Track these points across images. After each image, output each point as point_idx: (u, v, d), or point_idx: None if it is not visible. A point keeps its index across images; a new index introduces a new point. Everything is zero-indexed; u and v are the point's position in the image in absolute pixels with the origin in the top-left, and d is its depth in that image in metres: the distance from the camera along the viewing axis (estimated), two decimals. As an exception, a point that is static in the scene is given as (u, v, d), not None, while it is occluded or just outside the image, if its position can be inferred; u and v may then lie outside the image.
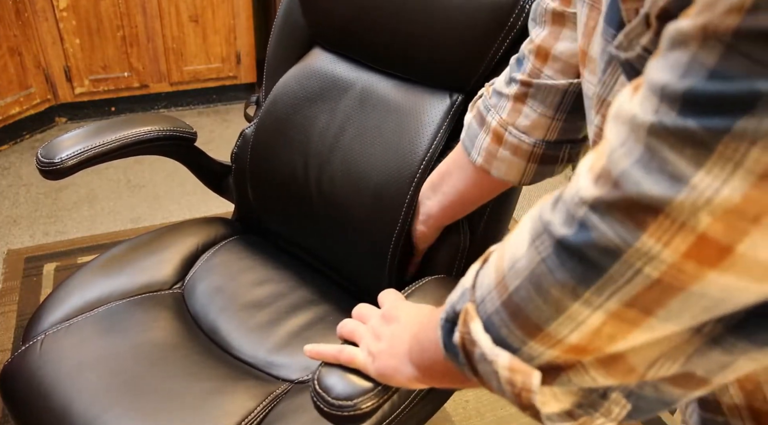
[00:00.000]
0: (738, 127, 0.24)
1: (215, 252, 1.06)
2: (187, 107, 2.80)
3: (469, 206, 0.79)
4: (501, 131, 0.67)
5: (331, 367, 0.60)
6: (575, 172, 0.32)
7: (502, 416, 1.42)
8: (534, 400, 0.34)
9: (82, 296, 0.93)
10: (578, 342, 0.31)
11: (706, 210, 0.25)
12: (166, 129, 1.01)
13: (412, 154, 0.85)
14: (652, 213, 0.26)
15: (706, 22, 0.24)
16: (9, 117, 2.35)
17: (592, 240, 0.29)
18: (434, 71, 0.87)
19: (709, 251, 0.26)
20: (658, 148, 0.26)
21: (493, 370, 0.36)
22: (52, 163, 0.89)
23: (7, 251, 1.86)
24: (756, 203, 0.24)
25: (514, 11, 0.77)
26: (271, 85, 1.05)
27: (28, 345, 0.86)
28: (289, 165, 0.99)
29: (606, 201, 0.28)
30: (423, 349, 0.50)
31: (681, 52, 0.25)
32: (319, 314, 0.96)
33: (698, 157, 0.25)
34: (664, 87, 0.26)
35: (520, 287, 0.33)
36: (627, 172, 0.27)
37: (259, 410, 0.79)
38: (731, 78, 0.24)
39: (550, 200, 0.33)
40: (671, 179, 0.26)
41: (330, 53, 0.98)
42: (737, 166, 0.24)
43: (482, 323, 0.37)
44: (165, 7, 2.48)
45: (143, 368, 0.82)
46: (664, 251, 0.27)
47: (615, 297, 0.29)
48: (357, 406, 0.57)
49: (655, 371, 0.31)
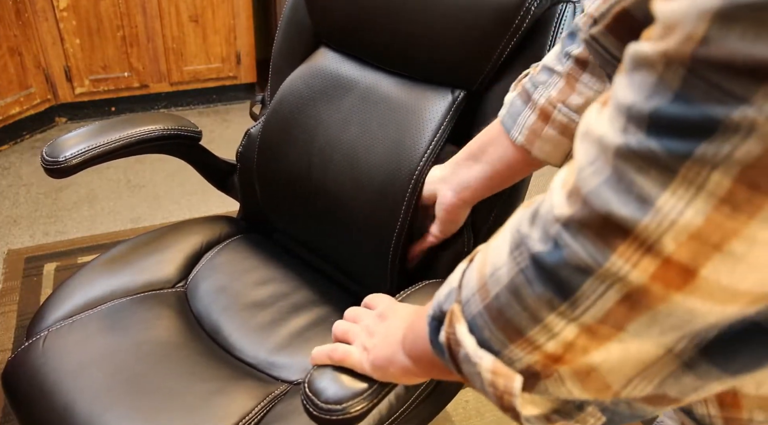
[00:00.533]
0: (699, 152, 0.24)
1: (219, 251, 1.06)
2: (187, 107, 2.80)
3: (499, 186, 0.76)
4: (549, 109, 0.64)
5: (322, 370, 0.60)
6: (550, 186, 0.32)
7: (502, 416, 1.42)
8: (515, 403, 0.35)
9: (85, 294, 0.93)
10: (554, 351, 0.32)
11: (671, 233, 0.25)
12: (171, 128, 1.01)
13: (414, 150, 0.86)
14: (622, 234, 0.27)
15: (667, 48, 0.25)
16: (9, 117, 2.34)
17: (564, 259, 0.29)
18: (437, 69, 0.87)
19: (674, 274, 0.26)
20: (626, 170, 0.26)
21: (476, 371, 0.37)
22: (56, 162, 0.89)
23: (7, 251, 1.86)
24: (718, 227, 0.25)
25: (520, 12, 0.77)
26: (276, 83, 1.05)
27: (30, 342, 0.86)
28: (295, 164, 0.99)
29: (577, 220, 0.29)
30: (416, 337, 0.50)
31: (647, 73, 0.26)
32: (320, 315, 0.97)
33: (663, 179, 0.25)
34: (631, 107, 0.26)
35: (500, 294, 0.34)
36: (596, 192, 0.28)
37: (257, 411, 0.79)
38: (693, 102, 0.24)
39: (529, 211, 0.34)
40: (638, 200, 0.26)
41: (335, 52, 0.98)
42: (700, 189, 0.24)
43: (467, 324, 0.37)
44: (165, 7, 2.48)
45: (145, 366, 0.82)
46: (633, 272, 0.27)
47: (588, 313, 0.30)
48: (346, 410, 0.57)
49: (630, 390, 0.32)
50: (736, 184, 0.24)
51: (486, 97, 0.86)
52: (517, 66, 0.82)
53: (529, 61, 0.80)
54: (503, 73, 0.83)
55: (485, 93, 0.86)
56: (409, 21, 0.86)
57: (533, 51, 0.80)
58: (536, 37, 0.79)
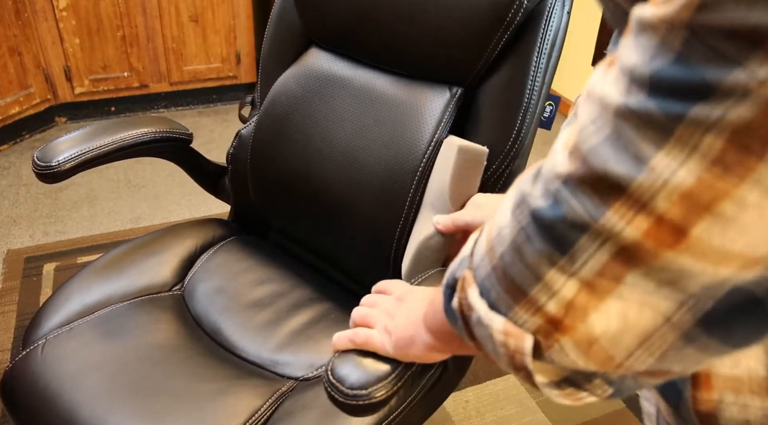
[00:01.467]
0: (694, 113, 0.25)
1: (214, 253, 1.06)
2: (187, 107, 2.80)
3: None
4: None
5: (344, 357, 0.60)
6: (553, 147, 0.33)
7: (502, 416, 1.42)
8: (526, 362, 0.36)
9: (81, 300, 0.93)
10: (555, 313, 0.33)
11: (664, 192, 0.26)
12: (163, 130, 1.01)
13: (414, 147, 0.86)
14: (617, 192, 0.28)
15: (668, 12, 0.25)
16: (9, 117, 2.35)
17: (563, 214, 0.30)
18: (432, 67, 0.88)
19: (666, 233, 0.27)
20: (624, 129, 0.27)
21: (488, 334, 0.37)
22: (49, 167, 0.88)
23: (7, 251, 1.86)
24: (709, 188, 0.25)
25: (513, 6, 0.78)
26: (266, 84, 1.05)
27: (28, 351, 0.86)
28: (290, 163, 0.99)
29: (577, 176, 0.30)
30: (436, 312, 0.51)
31: (651, 36, 0.26)
32: (320, 312, 0.97)
33: (659, 139, 0.26)
34: (633, 69, 0.27)
35: (504, 254, 0.35)
36: (595, 150, 0.29)
37: (265, 408, 0.80)
38: (692, 65, 0.25)
39: (531, 172, 0.35)
40: (634, 159, 0.27)
41: (327, 52, 0.99)
42: (693, 150, 0.25)
43: (478, 289, 0.38)
44: (165, 7, 2.48)
45: (147, 369, 0.82)
46: (627, 229, 0.28)
47: (586, 267, 0.31)
48: (372, 394, 0.57)
49: (632, 362, 0.33)
50: (728, 145, 0.24)
51: (479, 93, 0.86)
52: (508, 60, 0.82)
53: (520, 56, 0.81)
54: (495, 68, 0.84)
55: (478, 88, 0.86)
56: (408, 17, 0.86)
57: (525, 45, 0.81)
58: (528, 31, 0.80)
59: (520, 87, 0.81)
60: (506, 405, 1.45)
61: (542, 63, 0.80)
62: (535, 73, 0.80)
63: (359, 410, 0.58)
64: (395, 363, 0.59)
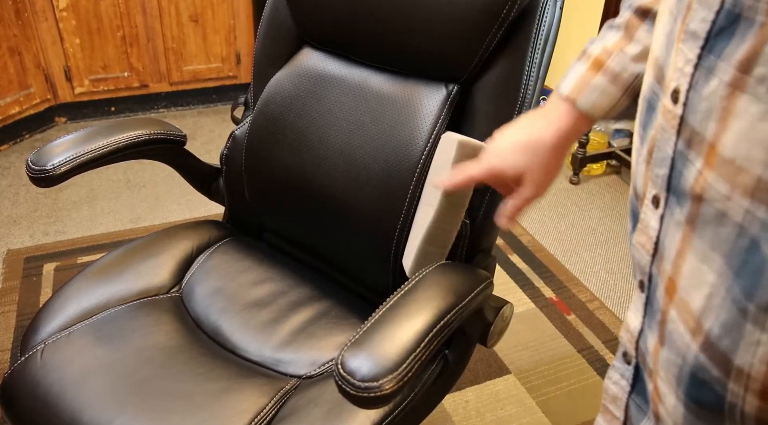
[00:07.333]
0: None
1: (210, 255, 1.06)
2: (187, 107, 2.80)
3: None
4: (603, 58, 0.63)
5: (353, 350, 0.61)
6: None
7: (502, 416, 1.42)
8: None
9: (79, 304, 0.92)
10: None
11: None
12: (156, 132, 1.01)
13: (413, 145, 0.86)
14: None
15: None
16: (9, 117, 2.35)
17: None
18: (428, 64, 0.88)
19: None
20: None
21: None
22: (43, 170, 0.88)
23: (7, 251, 1.87)
24: None
25: (507, 2, 0.78)
26: (259, 85, 1.04)
27: (27, 356, 0.85)
28: (285, 163, 0.99)
29: None
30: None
31: None
32: (321, 310, 0.97)
33: None
34: None
35: None
36: None
37: (270, 406, 0.80)
38: None
39: None
40: None
41: (320, 51, 0.98)
42: None
43: None
44: (165, 7, 2.48)
45: (150, 371, 0.82)
46: None
47: None
48: (383, 386, 0.58)
49: None
50: None
51: (474, 89, 0.86)
52: (503, 56, 0.83)
53: (514, 52, 0.82)
54: (490, 65, 0.84)
55: (473, 84, 0.86)
56: (402, 15, 0.86)
57: (519, 41, 0.81)
58: (522, 27, 0.81)
59: (515, 82, 0.81)
60: (506, 405, 1.45)
61: (536, 58, 0.80)
62: (529, 68, 0.80)
63: (371, 402, 0.59)
64: (404, 356, 0.61)
